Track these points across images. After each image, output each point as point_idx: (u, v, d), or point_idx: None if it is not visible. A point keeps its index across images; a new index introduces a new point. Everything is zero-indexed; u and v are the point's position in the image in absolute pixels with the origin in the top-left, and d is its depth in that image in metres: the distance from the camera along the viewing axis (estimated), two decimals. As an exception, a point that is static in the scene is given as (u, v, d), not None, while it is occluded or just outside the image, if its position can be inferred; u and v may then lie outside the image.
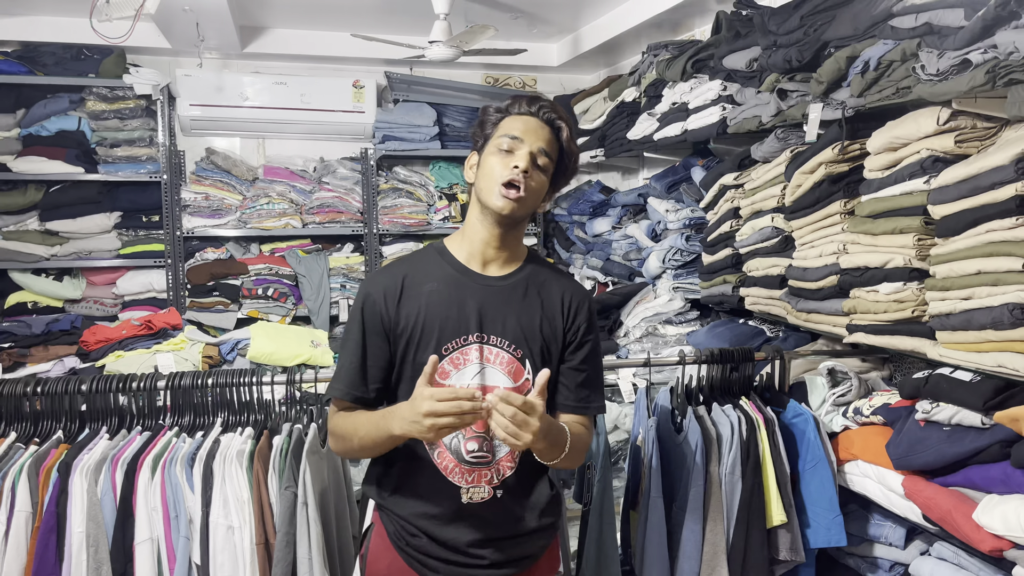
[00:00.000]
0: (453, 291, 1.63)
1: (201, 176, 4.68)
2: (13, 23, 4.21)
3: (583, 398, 1.70)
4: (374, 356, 1.63)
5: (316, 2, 4.07)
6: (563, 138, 1.64)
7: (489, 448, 1.63)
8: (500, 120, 1.64)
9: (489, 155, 1.61)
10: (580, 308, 1.70)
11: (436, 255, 1.69)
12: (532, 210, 1.64)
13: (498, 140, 1.60)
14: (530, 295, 1.67)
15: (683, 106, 3.35)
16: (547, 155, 1.61)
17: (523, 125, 1.61)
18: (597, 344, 1.74)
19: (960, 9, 1.84)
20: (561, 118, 1.64)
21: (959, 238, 1.91)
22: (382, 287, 1.64)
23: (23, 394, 2.09)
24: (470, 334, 1.61)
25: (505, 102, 1.65)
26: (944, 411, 1.96)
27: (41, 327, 3.88)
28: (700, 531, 2.20)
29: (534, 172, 1.59)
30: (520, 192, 1.57)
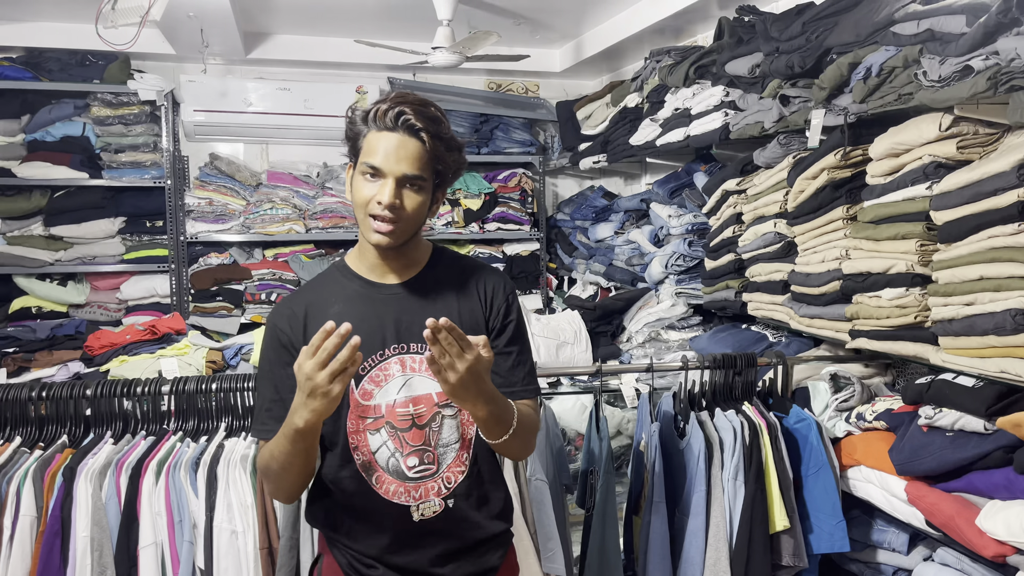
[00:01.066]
0: (361, 308, 1.55)
1: (205, 181, 4.69)
2: (18, 29, 4.23)
3: (519, 380, 1.63)
4: (290, 390, 1.44)
5: (319, 8, 4.09)
6: (429, 146, 1.47)
7: (432, 459, 1.56)
8: (365, 134, 1.50)
9: (356, 178, 1.51)
10: (496, 292, 1.63)
11: (338, 274, 1.62)
12: (415, 229, 1.55)
13: (362, 164, 1.49)
14: (443, 293, 1.60)
15: (686, 112, 3.36)
16: (416, 177, 1.47)
17: (383, 149, 1.46)
18: (521, 324, 1.67)
19: (962, 16, 1.85)
20: (424, 128, 1.46)
21: (961, 244, 1.92)
22: (286, 318, 1.56)
23: (28, 399, 2.10)
24: (386, 348, 1.54)
25: (369, 110, 1.49)
26: (947, 417, 1.96)
27: (46, 332, 3.89)
28: (703, 536, 2.20)
29: (406, 195, 1.48)
30: (391, 226, 1.48)
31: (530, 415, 1.59)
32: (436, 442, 1.56)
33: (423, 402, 1.55)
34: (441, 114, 1.52)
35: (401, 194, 1.47)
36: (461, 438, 1.58)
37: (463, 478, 1.58)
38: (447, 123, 1.53)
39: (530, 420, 1.58)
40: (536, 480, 2.25)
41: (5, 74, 4.23)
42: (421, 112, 1.47)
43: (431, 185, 1.53)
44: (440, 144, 1.50)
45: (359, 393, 1.54)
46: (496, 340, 1.62)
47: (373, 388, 1.54)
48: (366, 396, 1.54)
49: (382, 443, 1.54)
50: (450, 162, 1.54)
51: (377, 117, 1.47)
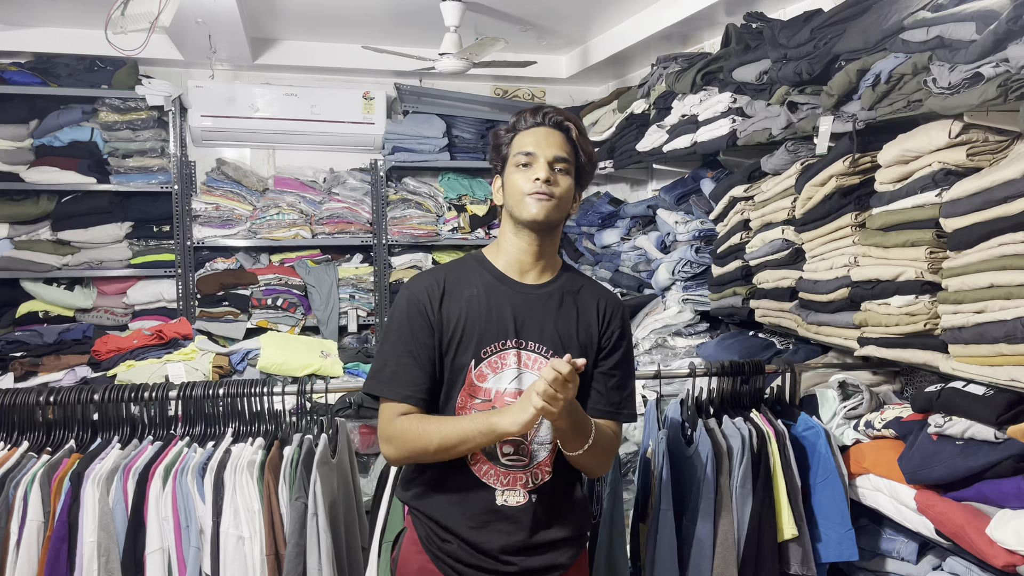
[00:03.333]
0: (492, 297, 1.67)
1: (211, 187, 4.70)
2: (27, 34, 4.25)
3: (615, 403, 1.72)
4: (427, 356, 1.64)
5: (327, 14, 4.10)
6: (574, 137, 1.67)
7: (526, 452, 1.66)
8: (512, 139, 1.69)
9: (510, 174, 1.67)
10: (615, 315, 1.74)
11: (475, 263, 1.73)
12: (565, 213, 1.68)
13: (514, 159, 1.66)
14: (566, 303, 1.71)
15: (693, 118, 3.35)
16: (564, 159, 1.65)
17: (533, 138, 1.65)
18: (630, 351, 1.78)
19: (971, 23, 1.84)
20: (568, 119, 1.68)
21: (971, 251, 1.91)
22: (425, 288, 1.67)
23: (36, 403, 2.10)
24: (508, 339, 1.65)
25: (512, 120, 1.71)
26: (957, 425, 1.95)
27: (53, 336, 3.91)
28: (710, 544, 2.19)
29: (557, 177, 1.63)
30: (548, 198, 1.62)
31: (609, 436, 1.68)
32: (532, 437, 1.66)
33: None
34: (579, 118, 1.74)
35: (552, 174, 1.62)
36: (553, 440, 1.67)
37: (549, 478, 1.68)
38: (583, 123, 1.69)
39: (607, 440, 1.67)
40: (543, 487, 2.24)
41: (14, 79, 4.26)
42: (562, 111, 1.68)
43: (575, 173, 1.68)
44: (582, 137, 1.69)
45: (475, 374, 1.64)
46: (605, 360, 1.72)
47: (489, 372, 1.65)
48: (481, 378, 1.64)
49: None
50: (591, 153, 1.71)
51: (523, 119, 1.68)
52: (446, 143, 4.92)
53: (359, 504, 2.28)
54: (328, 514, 2.03)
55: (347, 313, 4.91)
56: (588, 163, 1.71)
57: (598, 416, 1.71)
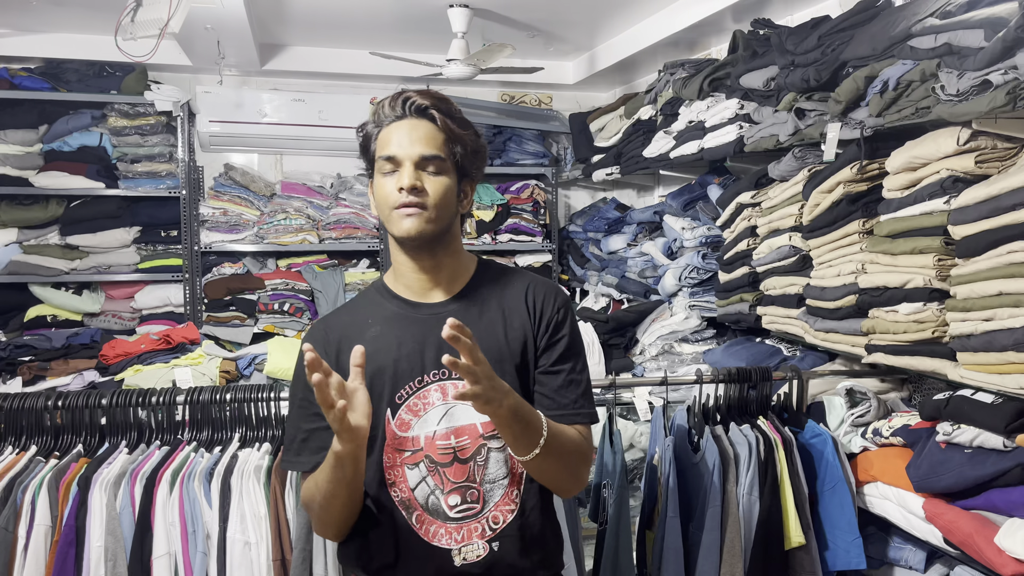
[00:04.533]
0: (399, 330, 1.44)
1: (219, 192, 4.72)
2: (37, 40, 4.28)
3: (569, 403, 1.45)
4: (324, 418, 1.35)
5: (335, 20, 4.12)
6: (441, 125, 1.40)
7: (476, 497, 1.41)
8: (376, 136, 1.42)
9: (377, 181, 1.42)
10: (546, 302, 1.48)
11: (375, 294, 1.51)
12: (450, 219, 1.43)
13: (379, 163, 1.40)
14: (488, 309, 1.46)
15: (700, 124, 3.36)
16: (434, 157, 1.38)
17: (395, 136, 1.39)
18: (575, 340, 1.50)
19: (980, 30, 1.84)
20: (432, 104, 1.40)
21: (980, 259, 1.90)
22: (320, 340, 1.45)
23: (44, 408, 2.11)
24: (425, 373, 1.41)
25: (373, 114, 1.44)
26: (965, 433, 1.94)
27: (62, 341, 3.92)
28: (717, 552, 2.18)
29: (428, 180, 1.38)
30: (417, 209, 1.36)
31: (572, 437, 1.41)
32: (481, 478, 1.41)
33: (466, 433, 1.41)
34: (446, 97, 1.44)
35: (421, 178, 1.37)
36: (510, 473, 1.43)
37: (512, 518, 1.43)
38: (456, 105, 1.44)
39: (570, 441, 1.40)
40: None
41: (23, 84, 4.28)
42: (426, 93, 1.41)
43: (453, 169, 1.42)
44: (452, 122, 1.41)
45: (396, 424, 1.41)
46: (544, 357, 1.46)
47: (411, 418, 1.41)
48: (403, 427, 1.41)
49: (421, 479, 1.41)
50: (467, 142, 1.43)
51: (384, 111, 1.41)
52: (453, 149, 4.92)
53: (365, 510, 2.28)
54: (334, 520, 2.03)
55: (354, 318, 4.91)
56: (469, 152, 1.43)
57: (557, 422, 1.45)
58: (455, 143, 1.41)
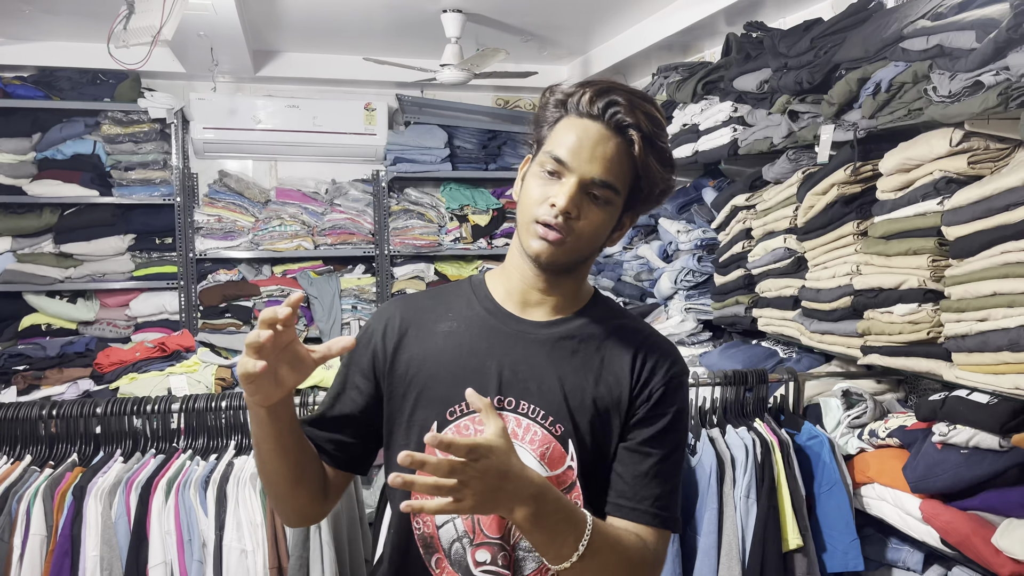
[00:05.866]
0: (477, 336, 1.23)
1: (214, 198, 4.71)
2: (30, 48, 4.27)
3: (647, 497, 1.18)
4: (347, 401, 1.26)
5: (328, 26, 4.12)
6: (638, 154, 1.14)
7: (507, 562, 1.18)
8: (557, 120, 1.18)
9: (533, 173, 1.19)
10: (657, 370, 1.22)
11: (468, 288, 1.30)
12: (586, 255, 1.21)
13: (543, 156, 1.16)
14: (585, 350, 1.22)
15: (694, 127, 3.36)
16: (607, 185, 1.14)
17: (577, 140, 1.14)
18: (678, 427, 1.23)
19: (971, 31, 1.84)
20: (636, 123, 1.13)
21: (974, 259, 1.90)
22: (385, 318, 1.27)
23: (38, 417, 2.10)
24: (489, 396, 1.17)
25: (569, 89, 1.19)
26: (961, 434, 1.94)
27: (56, 349, 3.90)
28: (715, 555, 2.18)
29: (587, 208, 1.15)
30: (559, 234, 1.14)
31: (627, 546, 1.13)
32: (517, 540, 1.18)
33: None
34: (661, 116, 1.18)
35: (581, 203, 1.14)
36: None
37: None
38: (666, 131, 1.19)
39: (624, 552, 1.11)
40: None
41: (17, 93, 4.28)
42: (637, 106, 1.14)
43: (621, 203, 1.18)
44: (651, 153, 1.15)
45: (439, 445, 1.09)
46: (635, 431, 1.21)
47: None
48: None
49: (451, 518, 1.19)
50: (658, 180, 1.18)
51: (580, 101, 1.15)
52: (448, 153, 4.93)
53: (362, 516, 2.28)
54: (331, 527, 2.02)
55: (349, 324, 4.91)
56: (651, 190, 1.19)
57: (617, 514, 1.18)
58: (642, 177, 1.17)
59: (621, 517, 1.18)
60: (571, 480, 1.18)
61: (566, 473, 1.18)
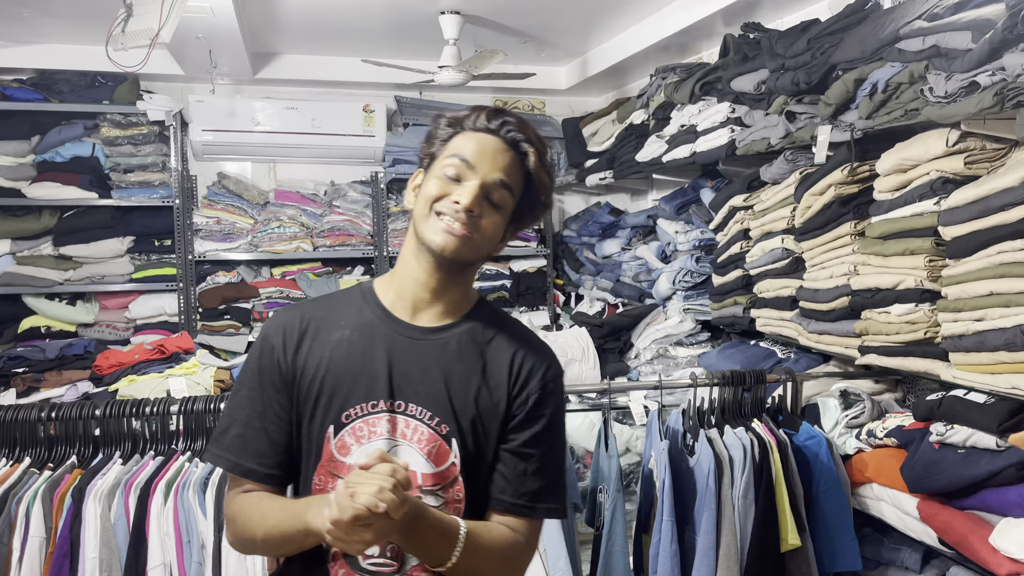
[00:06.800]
0: (369, 342, 1.29)
1: (213, 200, 4.71)
2: (29, 51, 4.27)
3: (526, 493, 1.28)
4: (277, 420, 1.29)
5: (327, 28, 4.12)
6: (530, 164, 1.29)
7: (395, 554, 1.25)
8: (452, 136, 1.29)
9: (433, 178, 1.28)
10: (533, 373, 1.31)
11: (359, 296, 1.35)
12: (483, 256, 1.31)
13: (445, 161, 1.27)
14: (468, 354, 1.30)
15: (692, 128, 3.37)
16: (506, 187, 1.26)
17: (477, 146, 1.26)
18: (555, 426, 1.33)
19: (967, 32, 1.85)
20: (529, 139, 1.29)
21: (970, 259, 1.91)
22: (282, 327, 1.31)
23: (37, 419, 2.10)
24: (379, 399, 1.26)
25: (461, 112, 1.31)
26: (959, 433, 1.94)
27: (55, 352, 3.91)
28: (713, 555, 2.18)
29: (485, 210, 1.25)
30: (467, 232, 1.24)
31: (505, 540, 1.25)
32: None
33: None
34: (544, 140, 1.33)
35: (482, 205, 1.25)
36: None
37: None
38: (549, 152, 1.34)
39: (500, 547, 1.24)
40: (545, 499, 2.24)
41: (16, 95, 4.28)
42: (527, 126, 1.30)
43: (511, 211, 1.30)
44: (542, 166, 1.30)
45: (335, 444, 1.26)
46: (515, 433, 1.30)
47: (353, 443, 1.26)
48: (343, 450, 1.26)
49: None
50: (543, 195, 1.32)
51: (476, 119, 1.29)
52: (446, 155, 4.93)
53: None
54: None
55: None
56: (539, 202, 1.32)
57: (499, 510, 1.29)
58: (530, 190, 1.31)
59: (500, 511, 1.29)
60: (454, 475, 1.28)
61: (450, 469, 1.27)
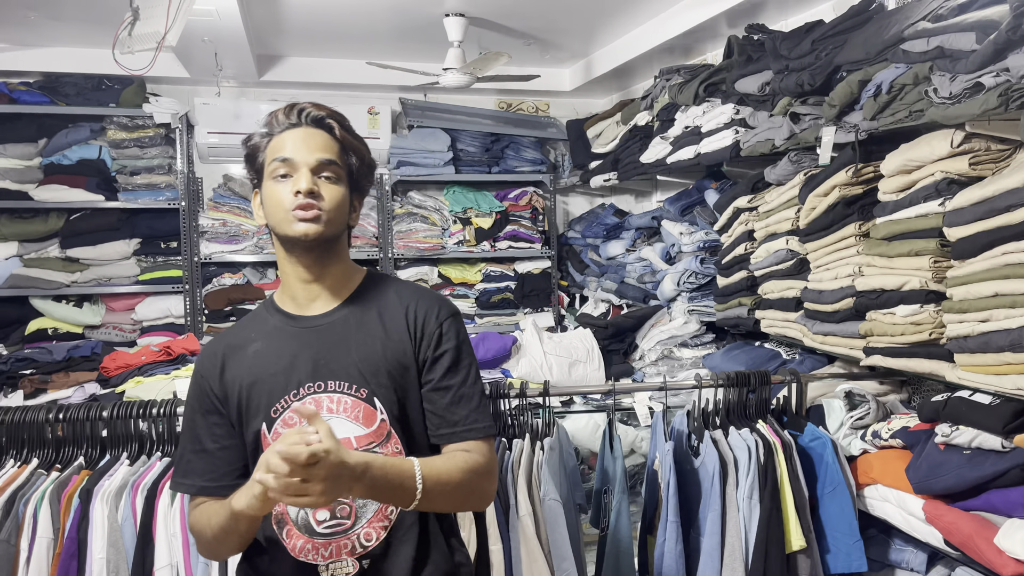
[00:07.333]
0: (279, 344, 1.43)
1: (218, 203, 4.73)
2: (36, 54, 4.30)
3: (460, 419, 1.42)
4: (215, 436, 1.43)
5: (331, 31, 4.13)
6: (338, 135, 1.41)
7: (346, 513, 1.38)
8: (267, 144, 1.41)
9: (268, 186, 1.39)
10: (428, 317, 1.44)
11: (263, 311, 1.50)
12: (341, 228, 1.43)
13: (271, 167, 1.38)
14: (368, 321, 1.43)
15: (696, 129, 3.37)
16: (329, 163, 1.38)
17: (290, 142, 1.38)
18: (462, 354, 1.46)
19: (971, 33, 1.85)
20: (330, 115, 1.42)
21: (975, 260, 1.91)
22: (206, 360, 1.47)
23: (45, 421, 2.11)
24: (301, 386, 1.39)
25: (264, 123, 1.43)
26: (964, 434, 1.94)
27: (62, 353, 3.91)
28: (718, 557, 2.18)
29: (324, 186, 1.37)
30: (314, 211, 1.35)
31: (460, 466, 1.36)
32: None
33: None
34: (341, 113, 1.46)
35: (317, 183, 1.37)
36: None
37: (385, 535, 1.40)
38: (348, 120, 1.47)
39: (457, 472, 1.35)
40: (550, 500, 2.25)
41: (22, 99, 4.30)
42: (322, 105, 1.43)
43: (346, 179, 1.42)
44: (348, 135, 1.44)
45: (272, 437, 1.39)
46: (429, 374, 1.43)
47: (286, 431, 1.32)
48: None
49: None
50: (362, 154, 1.45)
51: (277, 120, 1.41)
52: (451, 157, 4.94)
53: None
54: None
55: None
56: (362, 165, 1.45)
57: (447, 442, 1.42)
58: (350, 154, 1.43)
59: (448, 443, 1.42)
60: (387, 431, 1.40)
61: (380, 426, 1.39)
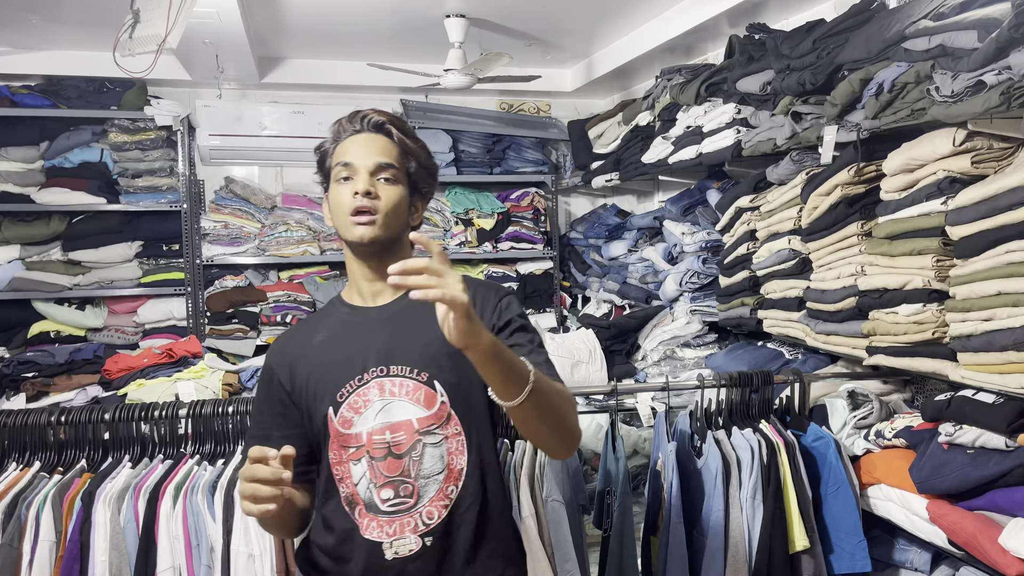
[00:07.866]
0: (345, 334, 1.51)
1: (220, 205, 4.73)
2: (37, 57, 4.30)
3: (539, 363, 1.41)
4: (279, 425, 1.52)
5: (332, 33, 4.13)
6: (397, 140, 1.51)
7: (409, 492, 1.44)
8: (333, 150, 1.52)
9: (332, 189, 1.50)
10: (488, 296, 1.51)
11: (331, 306, 1.60)
12: (400, 228, 1.50)
13: (335, 172, 1.49)
14: (428, 310, 1.35)
15: (697, 129, 3.36)
16: (388, 165, 1.47)
17: (351, 147, 1.48)
18: (526, 325, 1.52)
19: (973, 31, 1.85)
20: (389, 120, 1.52)
21: (978, 259, 1.90)
22: (277, 353, 1.57)
23: (47, 423, 2.11)
24: (365, 372, 1.46)
25: (331, 130, 1.55)
26: (967, 434, 1.94)
27: (65, 356, 3.92)
28: (722, 557, 2.18)
29: (382, 188, 1.46)
30: (372, 215, 1.44)
31: (555, 382, 1.38)
32: (416, 473, 1.44)
33: (402, 429, 1.44)
34: (402, 118, 1.55)
35: (375, 185, 1.46)
36: (447, 469, 1.46)
37: (447, 514, 1.45)
38: (410, 125, 1.56)
39: (555, 384, 1.36)
40: (552, 501, 2.24)
41: (24, 101, 4.31)
42: (382, 111, 1.53)
43: (406, 180, 1.51)
44: (407, 138, 1.52)
45: (339, 421, 1.46)
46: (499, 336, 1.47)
47: (352, 415, 1.46)
48: (346, 424, 1.46)
49: (362, 474, 1.45)
50: (421, 157, 1.53)
51: (342, 127, 1.52)
52: (452, 158, 4.94)
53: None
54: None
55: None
56: (420, 167, 1.53)
57: None
58: (408, 157, 1.52)
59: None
60: (447, 412, 1.46)
61: (441, 408, 1.45)
